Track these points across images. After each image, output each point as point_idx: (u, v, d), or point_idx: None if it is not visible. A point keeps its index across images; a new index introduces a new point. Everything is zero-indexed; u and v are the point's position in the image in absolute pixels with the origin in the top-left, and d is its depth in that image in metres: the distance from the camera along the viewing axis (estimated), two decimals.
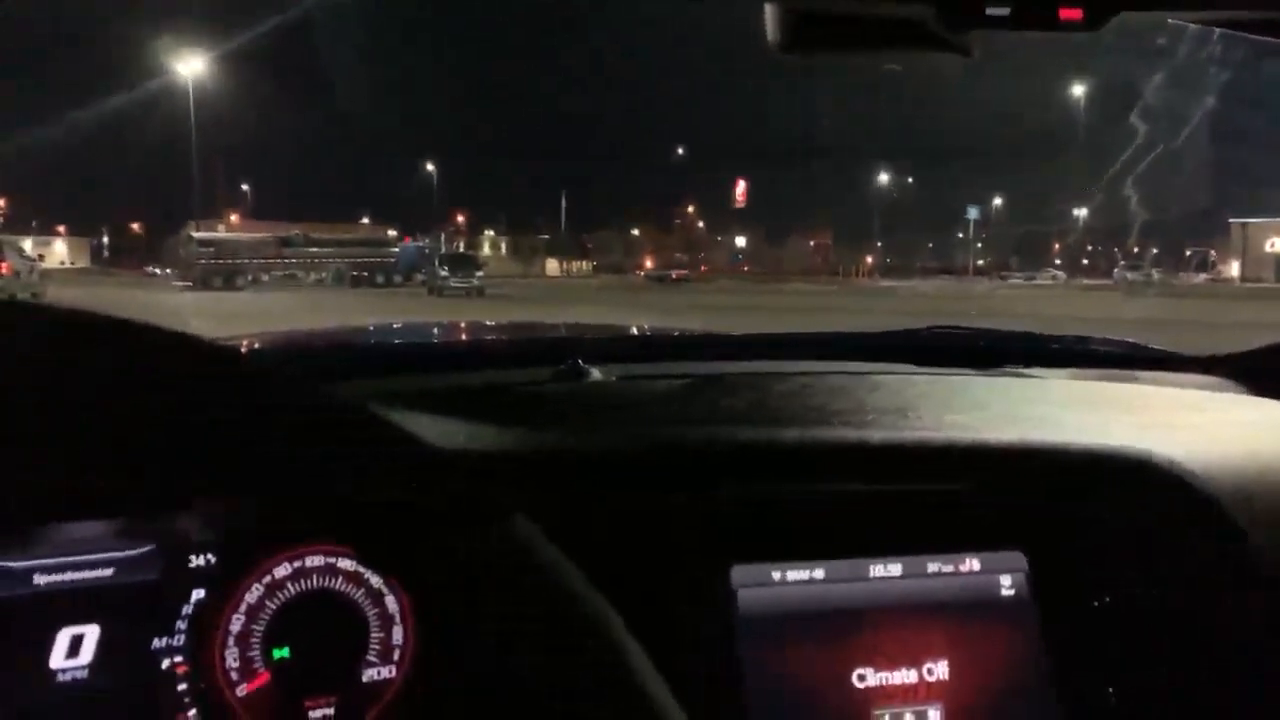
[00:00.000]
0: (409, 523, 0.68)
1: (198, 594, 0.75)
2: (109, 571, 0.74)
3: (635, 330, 1.95)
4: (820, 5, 0.70)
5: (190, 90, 38.30)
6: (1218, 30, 0.94)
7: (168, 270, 39.82)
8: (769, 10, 0.73)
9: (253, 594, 0.76)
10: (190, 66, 38.47)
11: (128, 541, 0.74)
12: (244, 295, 27.80)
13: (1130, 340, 1.50)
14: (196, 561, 0.76)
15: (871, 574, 0.86)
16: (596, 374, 1.12)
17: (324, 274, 37.19)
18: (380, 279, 37.15)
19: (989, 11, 0.63)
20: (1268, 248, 46.84)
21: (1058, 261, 55.46)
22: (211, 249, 34.85)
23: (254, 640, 0.75)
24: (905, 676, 0.84)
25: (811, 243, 74.63)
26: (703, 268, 64.13)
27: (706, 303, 24.95)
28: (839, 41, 0.74)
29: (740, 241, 71.10)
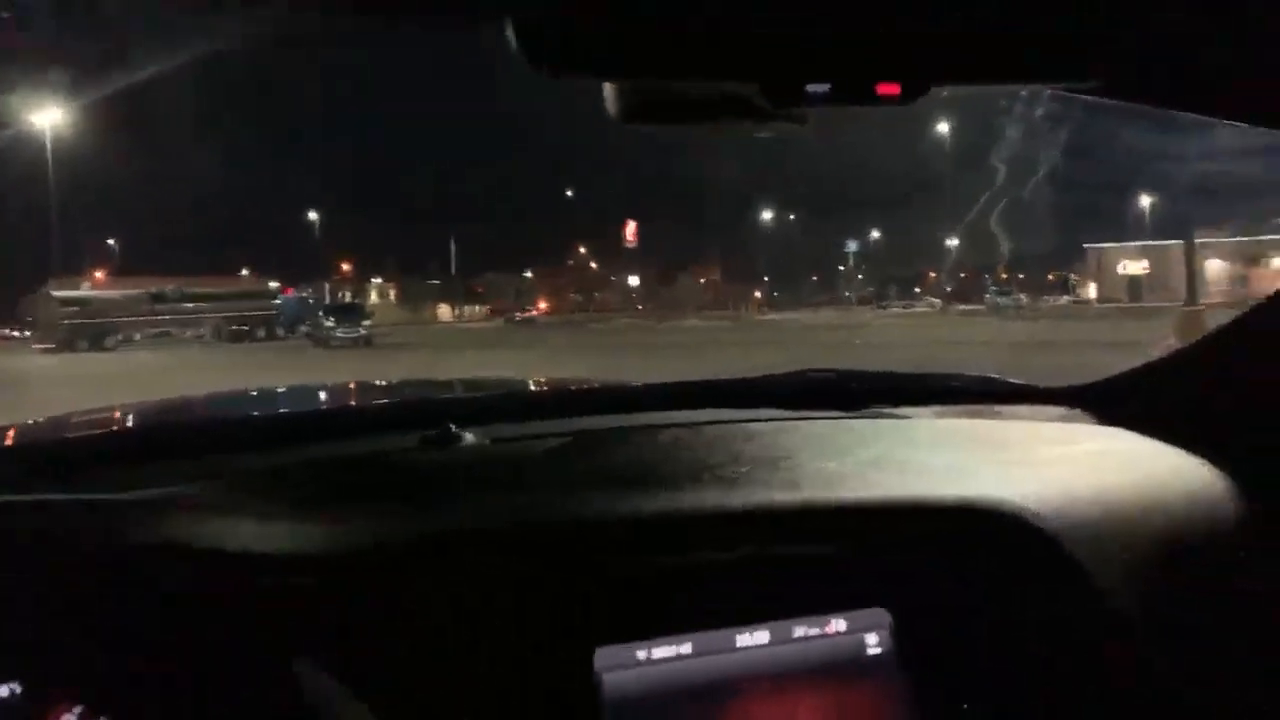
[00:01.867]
0: (172, 663, 0.62)
1: None
2: None
3: (519, 384, 1.91)
4: (650, 84, 0.70)
5: (48, 142, 36.35)
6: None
7: (25, 332, 37.33)
8: (605, 88, 0.73)
9: None
10: (47, 117, 36.56)
11: None
12: (113, 356, 26.27)
13: (992, 375, 1.57)
14: (2, 691, 0.68)
15: (739, 644, 0.85)
16: (469, 437, 1.09)
17: (202, 330, 35.60)
18: (262, 333, 35.79)
19: (808, 88, 0.64)
20: (1120, 270, 50.43)
21: (946, 290, 58.36)
22: (75, 308, 32.90)
23: None
24: None
25: (702, 280, 76.10)
26: (594, 308, 64.54)
27: (608, 343, 25.07)
28: (675, 116, 0.74)
29: (633, 280, 71.90)
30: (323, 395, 1.94)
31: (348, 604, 0.71)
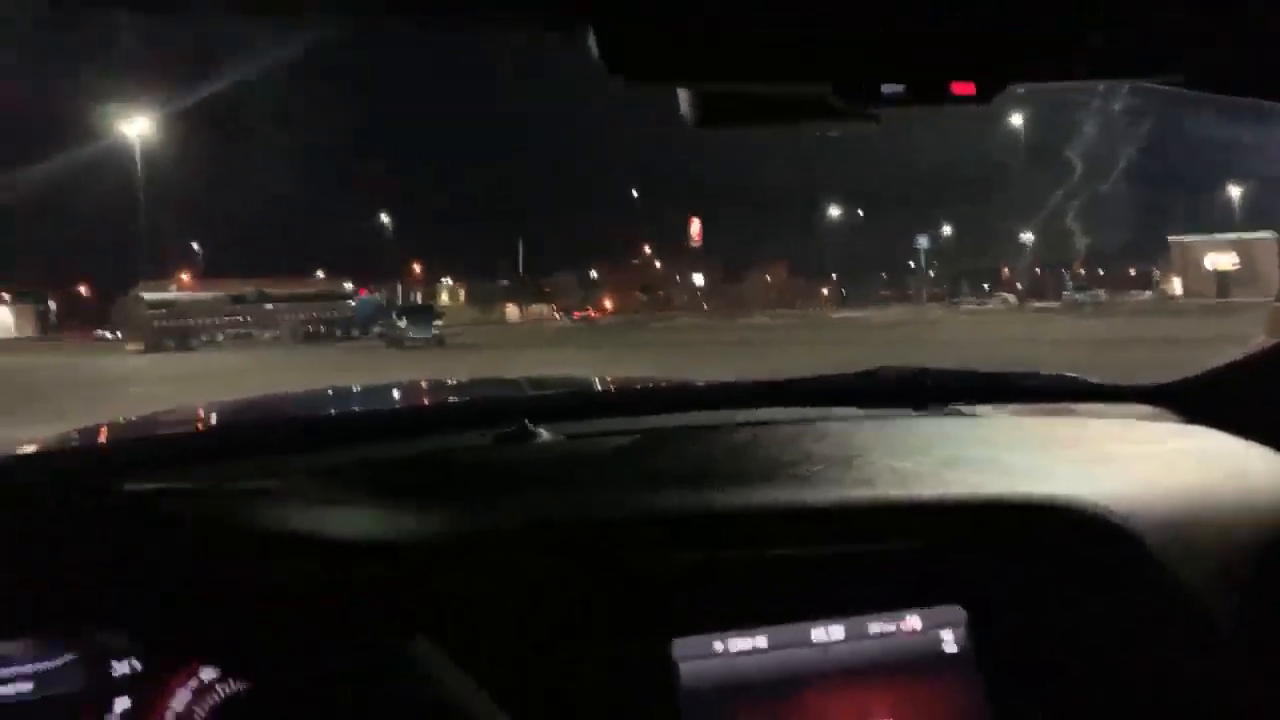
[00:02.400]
0: (299, 640, 0.67)
1: (122, 703, 0.73)
2: (28, 686, 0.71)
3: (588, 383, 1.94)
4: (727, 88, 0.71)
5: (137, 150, 38.00)
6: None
7: (118, 334, 39.06)
8: (680, 94, 0.75)
9: (179, 700, 0.73)
10: (136, 126, 38.19)
11: (47, 654, 0.72)
12: (198, 356, 27.31)
13: (1071, 374, 1.54)
14: (120, 669, 0.73)
15: (814, 638, 0.86)
16: (544, 434, 1.12)
17: (280, 330, 36.72)
18: (338, 333, 36.75)
19: (884, 89, 0.65)
20: (1206, 264, 48.39)
21: (1017, 286, 56.85)
22: (163, 310, 34.27)
23: None
24: None
25: (768, 278, 75.57)
26: (658, 307, 64.54)
27: (673, 340, 25.08)
28: (750, 118, 0.76)
29: (698, 279, 71.78)
30: (401, 394, 2.01)
31: (434, 590, 0.74)
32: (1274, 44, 0.81)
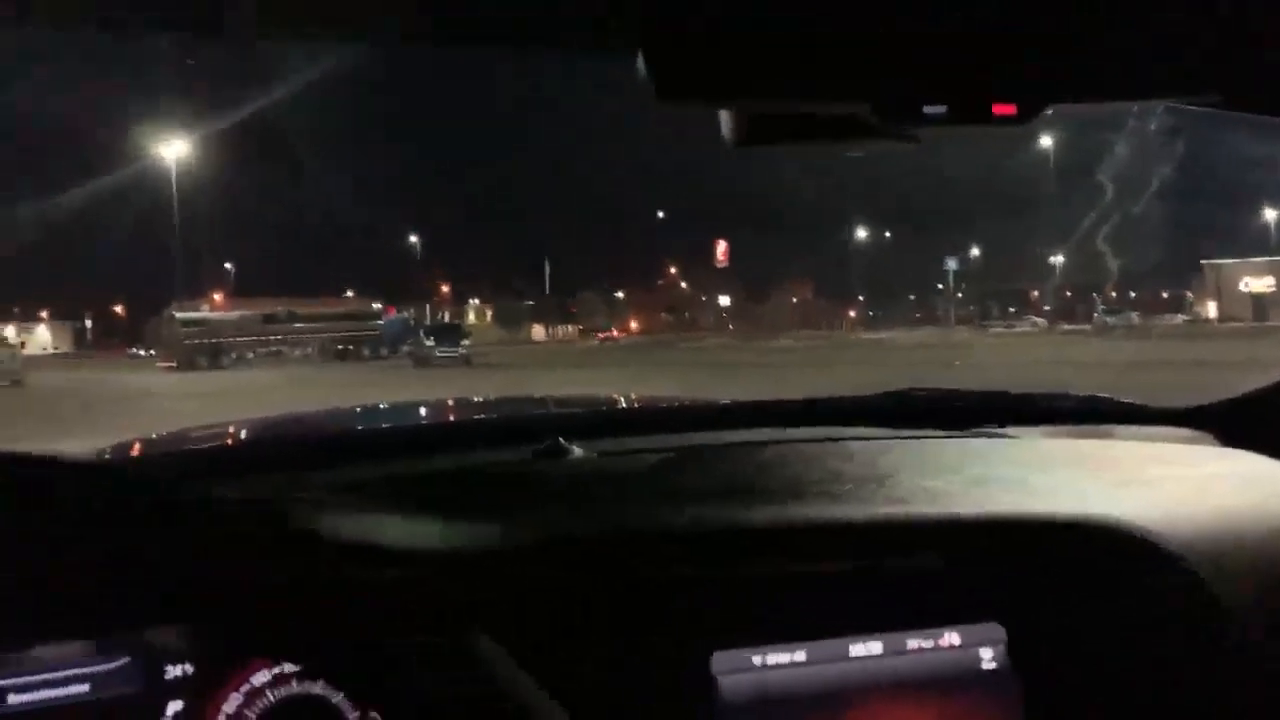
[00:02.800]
0: (359, 639, 0.69)
1: (175, 706, 0.75)
2: (85, 688, 0.73)
3: (619, 402, 1.96)
4: (767, 107, 0.73)
5: (174, 173, 38.74)
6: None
7: (151, 351, 39.70)
8: (721, 114, 0.77)
9: (231, 703, 0.75)
10: (173, 149, 38.96)
11: (103, 656, 0.74)
12: (229, 374, 27.66)
13: (1104, 395, 1.53)
14: (174, 672, 0.75)
15: (852, 653, 0.87)
16: (578, 451, 1.13)
17: (309, 349, 37.14)
18: (367, 352, 37.09)
19: (926, 110, 0.66)
20: (1241, 287, 47.65)
21: (1044, 308, 56.27)
22: (195, 328, 34.77)
23: None
24: None
25: (794, 299, 75.40)
26: (684, 328, 64.52)
27: (698, 361, 25.06)
28: (789, 137, 0.78)
29: (724, 300, 71.78)
30: (434, 411, 2.04)
31: (481, 599, 0.76)
32: None
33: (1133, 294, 56.91)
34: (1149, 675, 0.88)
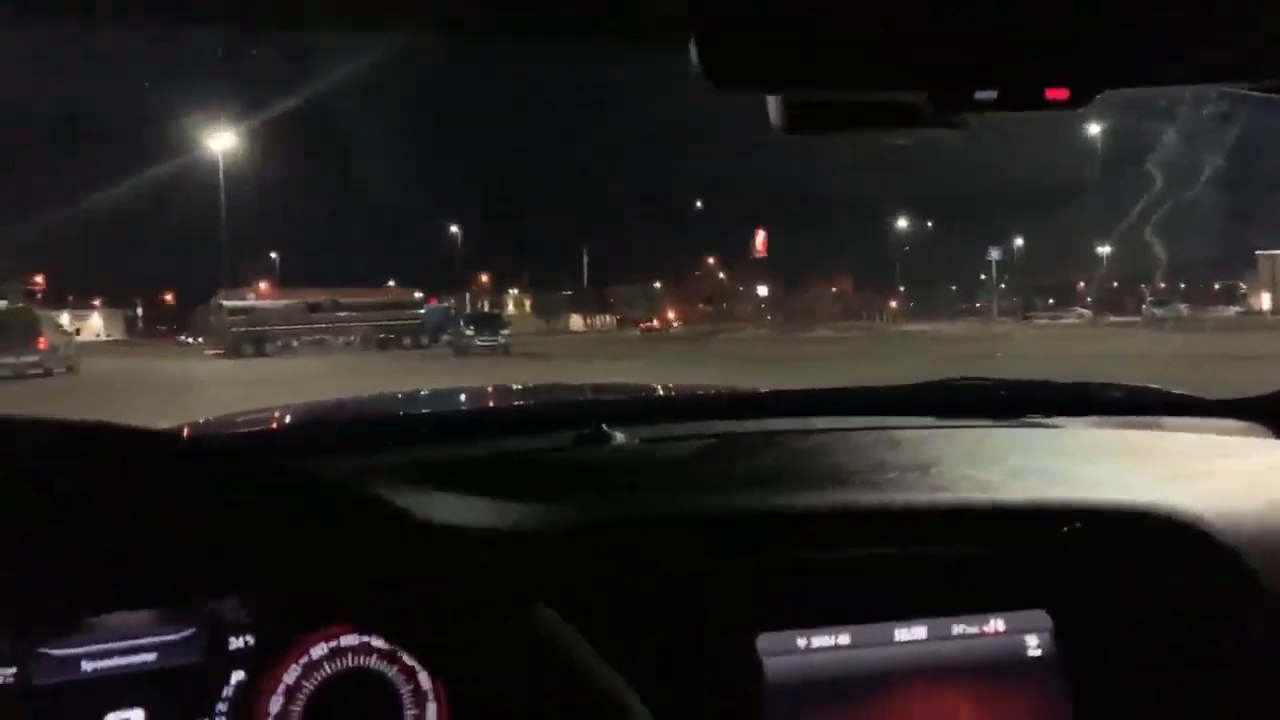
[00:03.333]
0: (431, 606, 0.70)
1: (237, 676, 0.77)
2: (152, 656, 0.76)
3: (659, 390, 1.97)
4: (817, 94, 0.73)
5: (221, 164, 39.43)
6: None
7: (199, 339, 40.53)
8: (770, 100, 0.77)
9: (290, 674, 0.78)
10: (221, 141, 39.65)
11: (171, 626, 0.77)
12: (275, 361, 28.15)
13: (1152, 385, 1.50)
14: (236, 644, 0.78)
15: (897, 638, 0.87)
16: (620, 437, 1.14)
17: (352, 337, 37.65)
18: (408, 340, 37.51)
19: (977, 95, 0.66)
20: None
21: (1088, 300, 55.18)
22: (242, 317, 35.39)
23: None
24: None
25: (834, 289, 74.72)
26: (722, 319, 64.26)
27: (735, 353, 25.00)
28: (837, 124, 0.78)
29: (762, 290, 71.37)
30: (478, 397, 2.07)
31: (536, 577, 0.77)
32: None
33: (1182, 285, 55.58)
34: (1196, 668, 0.88)
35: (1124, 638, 0.89)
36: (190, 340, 43.91)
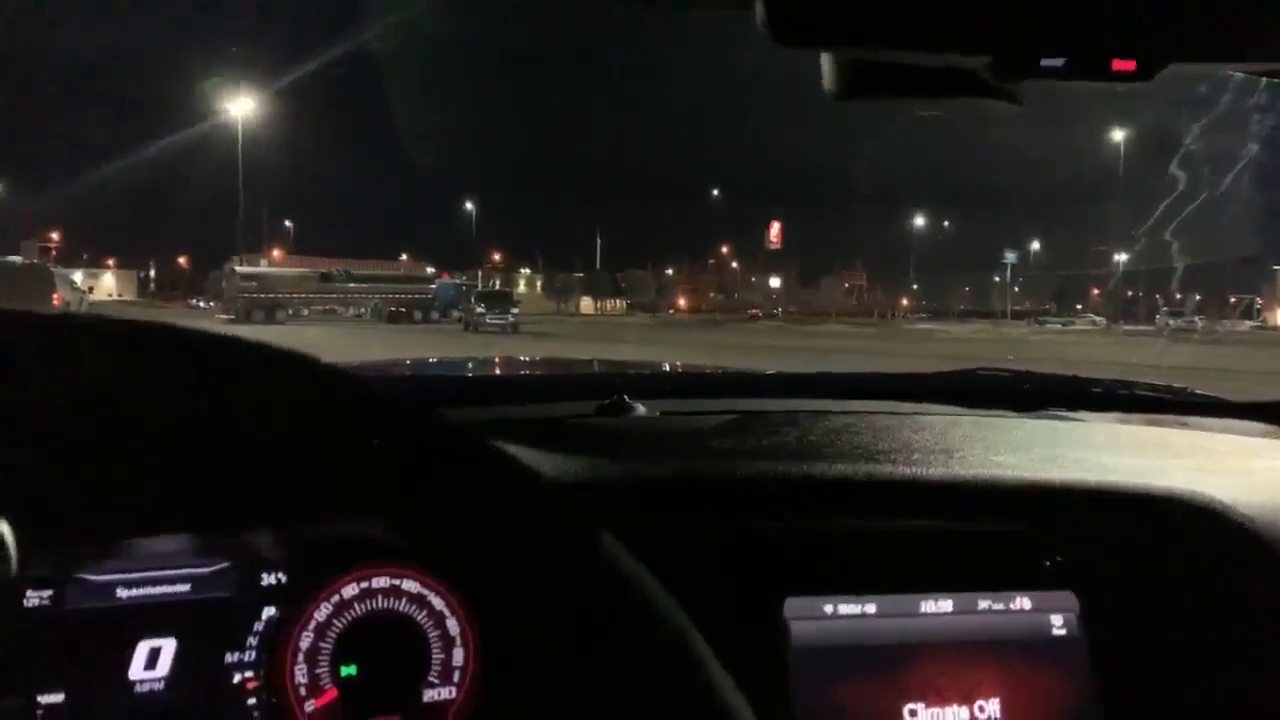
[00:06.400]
0: (486, 545, 0.69)
1: (269, 611, 0.78)
2: (186, 587, 0.77)
3: (676, 367, 1.97)
4: (880, 55, 0.72)
5: (240, 130, 39.45)
6: (1263, 80, 0.95)
7: (211, 303, 40.65)
8: (825, 61, 0.76)
9: (321, 612, 0.78)
10: (241, 107, 39.64)
11: (205, 559, 0.77)
12: (285, 329, 28.23)
13: (1177, 385, 1.49)
14: (268, 580, 0.79)
15: (923, 609, 0.87)
16: (641, 409, 1.14)
17: (363, 309, 37.74)
18: (418, 315, 37.58)
19: (1043, 63, 0.65)
20: None
21: (1102, 306, 54.91)
22: (254, 283, 35.50)
23: (322, 657, 0.78)
24: (957, 714, 0.85)
25: (845, 284, 74.47)
26: (732, 309, 64.09)
27: (743, 343, 24.97)
28: (893, 89, 0.77)
29: (774, 282, 71.16)
30: (491, 367, 2.07)
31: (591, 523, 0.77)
32: None
33: (1197, 296, 55.22)
34: (1224, 652, 0.88)
35: (1152, 623, 0.89)
36: (202, 304, 44.06)
